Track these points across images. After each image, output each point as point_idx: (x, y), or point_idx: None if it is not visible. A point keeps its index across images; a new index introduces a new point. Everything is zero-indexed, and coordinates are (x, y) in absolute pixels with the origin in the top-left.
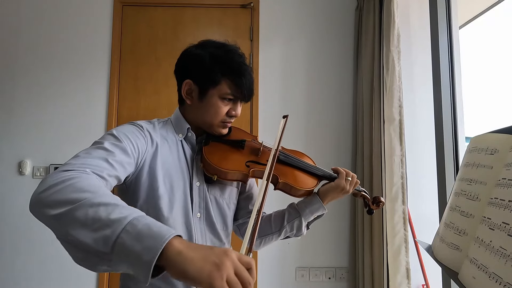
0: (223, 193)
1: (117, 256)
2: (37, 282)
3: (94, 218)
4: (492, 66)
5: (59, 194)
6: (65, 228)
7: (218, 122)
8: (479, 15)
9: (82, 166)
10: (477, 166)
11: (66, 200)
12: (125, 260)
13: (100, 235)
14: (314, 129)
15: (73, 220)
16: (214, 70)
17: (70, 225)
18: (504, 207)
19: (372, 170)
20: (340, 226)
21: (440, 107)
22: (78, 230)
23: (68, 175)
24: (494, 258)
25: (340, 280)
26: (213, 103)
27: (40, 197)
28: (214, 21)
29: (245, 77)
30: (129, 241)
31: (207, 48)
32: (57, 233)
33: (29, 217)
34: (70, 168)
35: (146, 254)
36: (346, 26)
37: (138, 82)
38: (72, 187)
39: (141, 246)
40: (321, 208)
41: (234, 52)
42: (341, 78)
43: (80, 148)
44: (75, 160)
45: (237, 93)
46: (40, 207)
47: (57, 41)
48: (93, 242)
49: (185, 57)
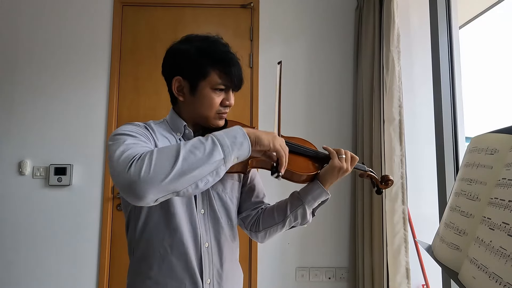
0: (225, 188)
1: (227, 153)
2: (37, 282)
3: (197, 149)
4: (492, 66)
5: (161, 164)
6: (187, 171)
7: (213, 114)
8: (479, 15)
9: (139, 150)
10: (477, 166)
11: (170, 160)
12: (233, 151)
13: (211, 153)
14: (314, 129)
15: (187, 162)
16: (202, 63)
17: (188, 166)
18: (504, 207)
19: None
20: (340, 226)
21: (440, 107)
22: (196, 162)
23: (146, 154)
24: (494, 258)
25: (340, 280)
26: (205, 95)
27: (148, 178)
28: (214, 21)
29: (233, 66)
30: (227, 141)
31: (192, 42)
32: (182, 184)
33: (29, 217)
34: (135, 153)
35: (241, 138)
36: (346, 26)
37: (138, 82)
38: (160, 155)
39: (236, 138)
40: (324, 193)
41: (218, 42)
42: (341, 78)
43: (80, 148)
44: (128, 152)
45: (228, 82)
46: (157, 181)
47: (57, 41)
48: (210, 158)
49: (171, 54)
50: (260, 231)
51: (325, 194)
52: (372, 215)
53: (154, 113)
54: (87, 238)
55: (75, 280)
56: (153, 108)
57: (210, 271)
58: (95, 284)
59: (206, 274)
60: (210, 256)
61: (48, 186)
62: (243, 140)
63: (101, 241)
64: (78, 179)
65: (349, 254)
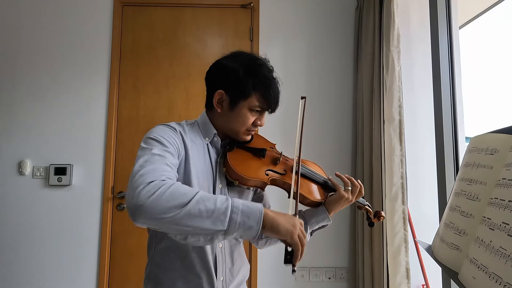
0: (241, 196)
1: (231, 229)
2: (37, 282)
3: (207, 210)
4: (492, 66)
5: (167, 202)
6: (184, 223)
7: (244, 130)
8: (479, 15)
9: (158, 174)
10: (477, 166)
11: (177, 204)
12: (238, 230)
13: (216, 220)
14: (314, 129)
15: (190, 215)
16: (246, 84)
17: (189, 220)
18: (504, 207)
19: (372, 170)
20: (340, 226)
21: (440, 107)
22: (197, 221)
23: (162, 184)
24: (494, 258)
25: (340, 280)
26: (242, 113)
27: (149, 207)
28: (214, 21)
29: (273, 91)
30: (239, 218)
31: (240, 61)
32: (174, 230)
33: (29, 217)
34: (152, 179)
35: (253, 223)
36: (346, 26)
37: (138, 82)
38: (172, 195)
39: (249, 219)
40: (327, 219)
41: (264, 66)
42: (341, 78)
43: (80, 148)
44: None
45: (265, 105)
46: (154, 214)
47: (57, 41)
48: (212, 225)
49: (219, 68)
50: (262, 239)
51: (327, 220)
52: None
53: (154, 113)
54: (87, 238)
55: (75, 280)
56: (153, 108)
57: (223, 269)
58: (95, 284)
59: (220, 271)
60: (223, 256)
61: (48, 186)
62: (253, 225)
63: (101, 241)
64: (78, 179)
65: (349, 254)
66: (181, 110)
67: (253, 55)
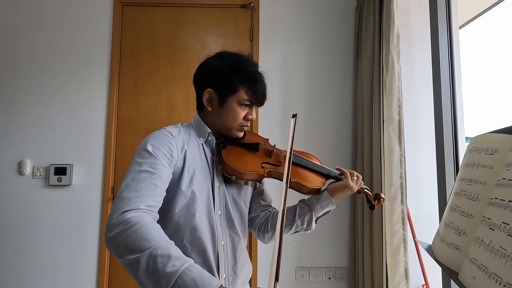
0: (240, 192)
1: None
2: (37, 282)
3: (153, 269)
4: (492, 66)
5: (126, 241)
6: (133, 271)
7: (236, 126)
8: (479, 15)
9: (139, 200)
10: (477, 166)
11: (134, 248)
12: None
13: (158, 285)
14: (314, 129)
15: (139, 268)
16: (233, 80)
17: (137, 271)
18: (504, 207)
19: (371, 169)
20: (340, 226)
21: (440, 107)
22: (142, 277)
23: (131, 221)
24: (494, 258)
25: (340, 280)
26: (232, 108)
27: (112, 241)
28: (214, 21)
29: (260, 84)
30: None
31: (225, 59)
32: (128, 271)
33: (29, 217)
34: (128, 208)
35: None
36: (346, 26)
37: (138, 82)
38: (134, 235)
39: None
40: (331, 203)
41: (249, 61)
42: (341, 78)
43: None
44: (128, 194)
45: (253, 98)
46: (113, 250)
47: (57, 41)
48: (155, 284)
49: (205, 68)
50: (268, 232)
51: (331, 205)
52: (371, 215)
53: (154, 113)
54: (87, 238)
55: (75, 280)
56: (153, 108)
57: (225, 267)
58: (95, 284)
59: (222, 269)
60: (225, 253)
61: (48, 186)
62: None
63: (101, 241)
64: (78, 179)
65: (349, 254)
66: (181, 110)
67: (237, 53)
